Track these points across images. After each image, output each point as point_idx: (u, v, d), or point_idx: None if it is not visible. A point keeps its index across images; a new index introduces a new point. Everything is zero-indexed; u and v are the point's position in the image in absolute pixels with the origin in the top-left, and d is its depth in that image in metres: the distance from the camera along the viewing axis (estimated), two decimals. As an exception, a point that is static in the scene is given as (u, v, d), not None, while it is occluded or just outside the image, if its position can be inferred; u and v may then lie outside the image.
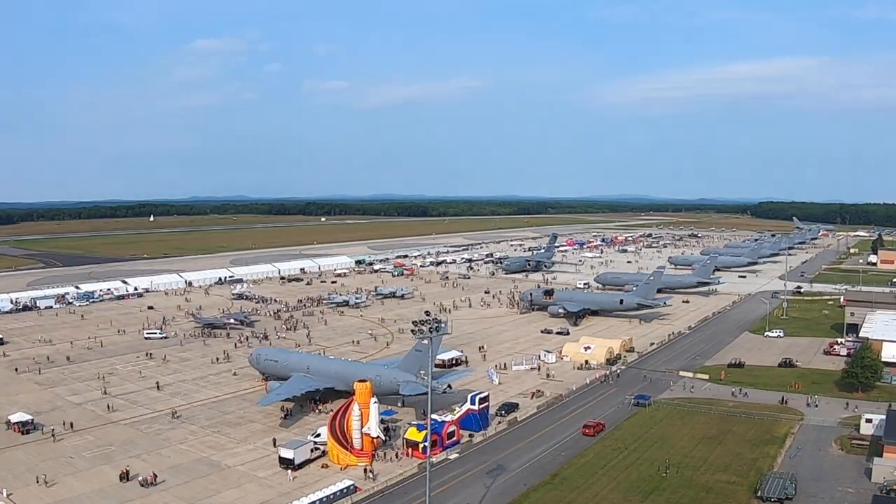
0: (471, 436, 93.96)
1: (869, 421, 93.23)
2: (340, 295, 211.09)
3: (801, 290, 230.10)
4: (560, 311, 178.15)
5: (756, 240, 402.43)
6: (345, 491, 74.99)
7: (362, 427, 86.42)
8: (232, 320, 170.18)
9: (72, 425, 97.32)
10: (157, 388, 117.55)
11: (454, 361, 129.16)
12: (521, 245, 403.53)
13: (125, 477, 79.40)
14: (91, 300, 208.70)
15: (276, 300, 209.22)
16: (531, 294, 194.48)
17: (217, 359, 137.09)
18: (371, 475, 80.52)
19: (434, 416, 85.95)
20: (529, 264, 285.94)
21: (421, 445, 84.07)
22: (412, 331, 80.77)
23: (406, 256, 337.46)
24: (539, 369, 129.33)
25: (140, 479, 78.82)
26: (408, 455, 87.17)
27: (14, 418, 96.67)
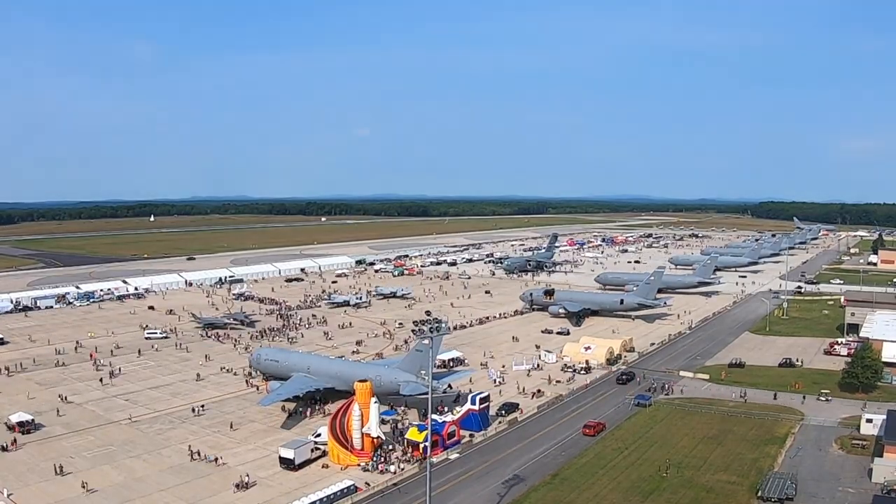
0: (471, 436, 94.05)
1: (869, 421, 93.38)
2: (341, 294, 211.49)
3: (802, 290, 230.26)
4: (560, 311, 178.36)
5: (756, 240, 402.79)
6: (345, 491, 75.07)
7: (362, 427, 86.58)
8: (232, 320, 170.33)
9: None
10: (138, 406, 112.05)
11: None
12: (521, 245, 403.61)
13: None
14: (91, 300, 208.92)
15: (280, 301, 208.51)
16: (531, 294, 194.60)
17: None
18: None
19: (434, 417, 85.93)
20: (530, 264, 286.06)
21: (421, 445, 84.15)
22: (413, 331, 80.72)
23: (407, 256, 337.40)
24: (538, 367, 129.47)
25: None
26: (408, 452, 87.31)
27: (14, 418, 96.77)
